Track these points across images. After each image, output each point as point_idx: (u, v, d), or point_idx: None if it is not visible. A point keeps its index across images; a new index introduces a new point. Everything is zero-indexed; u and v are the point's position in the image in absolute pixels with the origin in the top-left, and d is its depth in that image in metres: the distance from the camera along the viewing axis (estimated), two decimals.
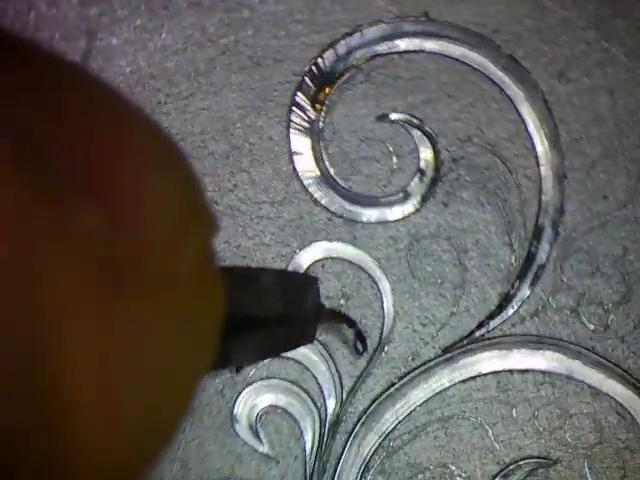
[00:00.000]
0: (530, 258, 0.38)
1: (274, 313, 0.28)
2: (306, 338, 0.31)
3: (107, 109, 0.16)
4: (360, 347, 0.37)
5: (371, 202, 0.39)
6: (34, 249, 0.14)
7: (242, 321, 0.25)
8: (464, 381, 0.38)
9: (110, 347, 0.15)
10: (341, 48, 0.39)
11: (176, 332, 0.17)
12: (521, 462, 0.37)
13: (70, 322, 0.14)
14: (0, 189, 0.13)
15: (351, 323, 0.37)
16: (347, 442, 0.38)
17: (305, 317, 0.30)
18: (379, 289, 0.38)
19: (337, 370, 0.38)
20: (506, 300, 0.38)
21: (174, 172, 0.17)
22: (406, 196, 0.39)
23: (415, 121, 0.39)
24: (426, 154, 0.39)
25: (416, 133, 0.39)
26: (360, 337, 0.37)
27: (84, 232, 0.14)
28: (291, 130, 0.39)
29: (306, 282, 0.33)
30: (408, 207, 0.39)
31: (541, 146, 0.39)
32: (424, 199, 0.39)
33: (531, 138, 0.39)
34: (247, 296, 0.27)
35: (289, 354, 0.37)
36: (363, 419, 0.38)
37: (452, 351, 0.38)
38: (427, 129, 0.39)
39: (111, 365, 0.15)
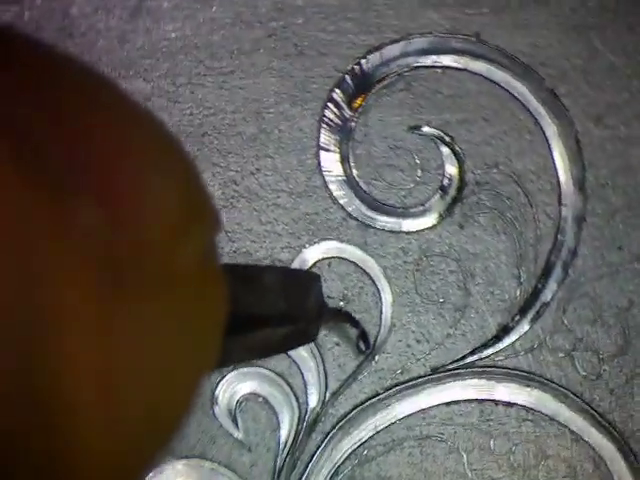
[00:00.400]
0: (535, 294, 0.38)
1: (276, 311, 0.28)
2: (308, 337, 0.31)
3: (108, 107, 0.16)
4: (363, 346, 0.37)
5: (388, 210, 0.39)
6: (34, 249, 0.14)
7: (244, 319, 0.25)
8: (448, 404, 0.38)
9: (110, 347, 0.15)
10: (387, 53, 0.39)
11: (177, 332, 0.17)
12: None
13: (70, 322, 0.14)
14: (2, 189, 0.13)
15: (355, 322, 0.37)
16: (322, 443, 0.38)
17: (307, 316, 0.30)
18: (380, 298, 0.38)
19: (325, 370, 0.38)
20: (504, 331, 0.38)
21: (175, 170, 0.17)
22: (424, 211, 0.39)
23: (446, 138, 0.39)
24: (451, 173, 0.39)
25: (445, 150, 0.39)
26: (364, 336, 0.37)
27: (84, 232, 0.14)
28: (322, 125, 0.39)
29: (309, 280, 0.32)
30: (424, 222, 0.39)
31: (566, 185, 0.39)
32: (441, 217, 0.39)
33: (557, 176, 0.39)
34: (249, 294, 0.27)
35: None
36: (342, 423, 0.38)
37: (441, 372, 0.38)
38: (457, 148, 0.39)
39: (111, 365, 0.15)
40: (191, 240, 0.17)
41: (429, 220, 0.39)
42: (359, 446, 0.38)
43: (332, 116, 0.39)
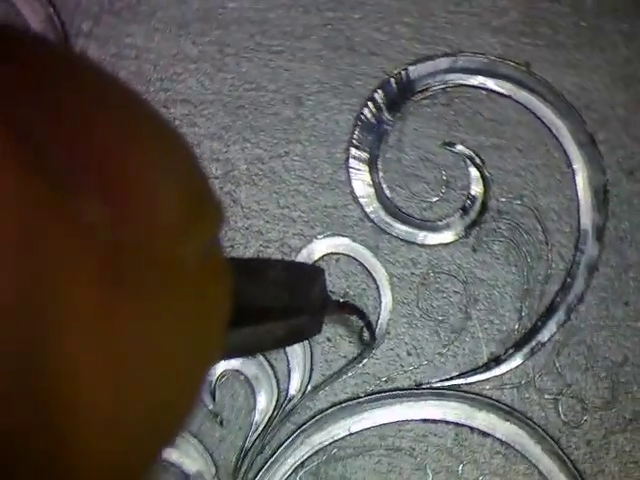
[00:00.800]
0: (533, 331, 0.38)
1: (280, 304, 0.28)
2: (312, 329, 0.31)
3: (110, 105, 0.16)
4: (368, 338, 0.37)
5: (406, 219, 0.39)
6: (35, 249, 0.14)
7: (248, 312, 0.25)
8: (425, 421, 0.38)
9: (111, 346, 0.15)
10: (435, 65, 0.39)
11: (178, 331, 0.17)
12: None
13: (70, 322, 0.14)
14: (2, 189, 0.13)
15: (361, 314, 0.37)
16: (293, 433, 0.38)
17: (311, 309, 0.30)
18: (380, 303, 0.38)
19: (312, 362, 0.38)
20: (495, 362, 0.38)
21: (178, 168, 0.17)
22: (441, 227, 0.39)
23: (477, 160, 0.39)
24: (476, 195, 0.39)
25: (474, 172, 0.39)
26: (370, 328, 0.37)
27: (86, 232, 0.14)
28: (358, 122, 0.39)
29: (313, 274, 0.32)
30: (439, 237, 0.39)
31: (585, 231, 0.38)
32: (457, 236, 0.39)
33: (579, 220, 0.39)
34: (253, 287, 0.27)
35: None
36: (317, 418, 0.38)
37: (425, 388, 0.38)
38: (486, 172, 0.39)
39: (112, 365, 0.15)
40: (192, 239, 0.17)
41: (444, 237, 0.39)
42: (330, 444, 0.37)
43: (369, 115, 0.39)
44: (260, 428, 0.37)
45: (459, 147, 0.39)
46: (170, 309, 0.16)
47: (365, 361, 0.38)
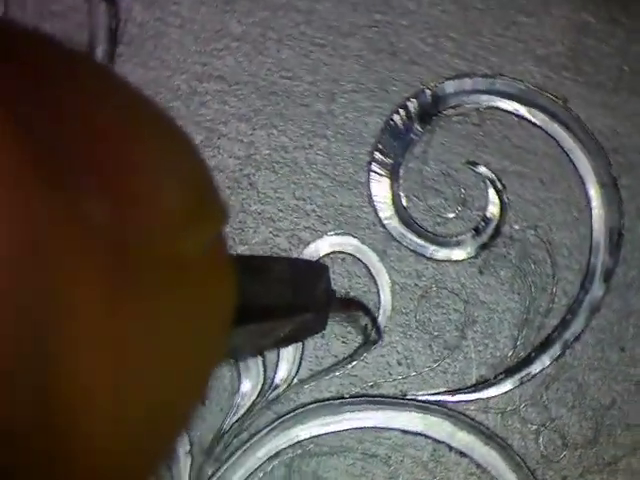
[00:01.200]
0: (526, 362, 0.38)
1: (284, 302, 0.28)
2: (317, 327, 0.31)
3: (116, 104, 0.16)
4: (374, 334, 0.37)
5: (418, 230, 0.39)
6: (35, 248, 0.13)
7: (252, 310, 0.25)
8: (405, 432, 0.37)
9: (112, 346, 0.15)
10: (473, 84, 0.39)
11: (181, 330, 0.16)
12: None
13: (72, 322, 0.14)
14: (10, 176, 0.13)
15: (367, 310, 0.36)
16: (273, 422, 0.37)
17: (315, 306, 0.29)
18: (379, 309, 0.38)
19: (302, 355, 0.38)
20: (483, 385, 0.38)
21: (182, 167, 0.17)
22: (452, 244, 0.39)
23: (498, 184, 0.39)
24: (490, 218, 0.39)
25: (492, 195, 0.39)
26: (375, 325, 0.37)
27: (87, 230, 0.14)
28: (387, 127, 0.39)
29: (317, 271, 0.32)
30: (447, 254, 0.39)
31: (593, 272, 0.38)
32: (466, 256, 0.39)
33: (589, 260, 0.39)
34: (257, 285, 0.27)
35: None
36: (299, 411, 0.37)
37: (410, 400, 0.38)
38: (504, 197, 0.39)
39: (113, 364, 0.15)
40: (194, 238, 0.16)
41: (453, 254, 0.39)
42: (307, 439, 0.37)
43: (399, 122, 0.39)
44: (241, 412, 0.37)
45: (482, 168, 0.39)
46: (171, 309, 0.16)
47: (355, 363, 0.38)
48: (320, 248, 0.39)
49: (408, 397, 0.38)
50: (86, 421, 0.14)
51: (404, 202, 0.39)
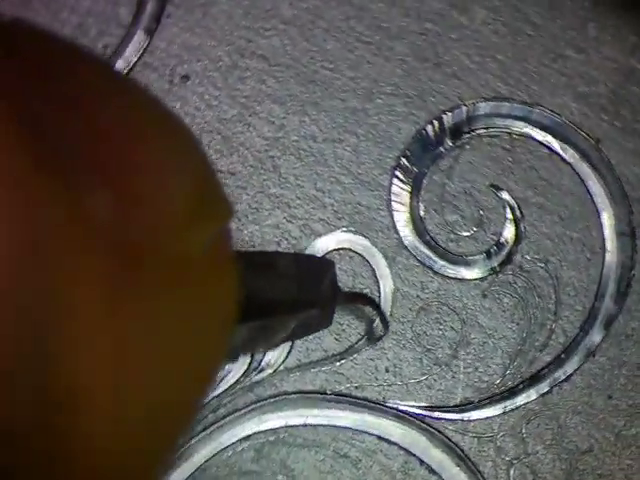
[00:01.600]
0: (512, 392, 0.38)
1: (289, 297, 0.28)
2: (323, 322, 0.31)
3: (119, 101, 0.16)
4: (380, 328, 0.37)
5: (430, 244, 0.39)
6: (36, 246, 0.13)
7: (257, 306, 0.25)
8: (380, 438, 0.37)
9: (112, 346, 0.15)
10: (510, 108, 0.39)
11: (182, 330, 0.16)
12: None
13: (71, 321, 0.14)
14: (11, 176, 0.13)
15: (374, 304, 0.36)
16: (252, 404, 0.37)
17: (321, 302, 0.29)
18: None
19: (292, 345, 0.38)
20: (465, 406, 0.38)
21: (186, 167, 0.17)
22: (461, 262, 0.39)
23: (517, 212, 0.39)
24: (504, 244, 0.39)
25: (510, 222, 0.39)
26: (383, 318, 0.37)
27: (89, 230, 0.14)
28: (418, 136, 0.39)
29: (322, 267, 0.32)
30: (455, 272, 0.38)
31: (595, 316, 0.38)
32: (472, 277, 0.38)
33: (593, 303, 0.38)
34: (262, 282, 0.27)
35: None
36: (279, 398, 0.37)
37: (391, 407, 0.38)
38: (521, 227, 0.39)
39: (112, 364, 0.15)
40: (197, 238, 0.16)
41: (460, 273, 0.38)
42: (282, 427, 0.37)
43: (431, 134, 0.39)
44: (221, 388, 0.37)
45: (505, 194, 0.39)
46: (172, 308, 0.16)
47: (343, 361, 0.38)
48: (330, 242, 0.39)
49: (389, 405, 0.38)
50: (86, 421, 0.14)
51: (422, 213, 0.39)
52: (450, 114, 0.39)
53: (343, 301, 0.35)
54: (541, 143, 0.39)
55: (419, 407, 0.38)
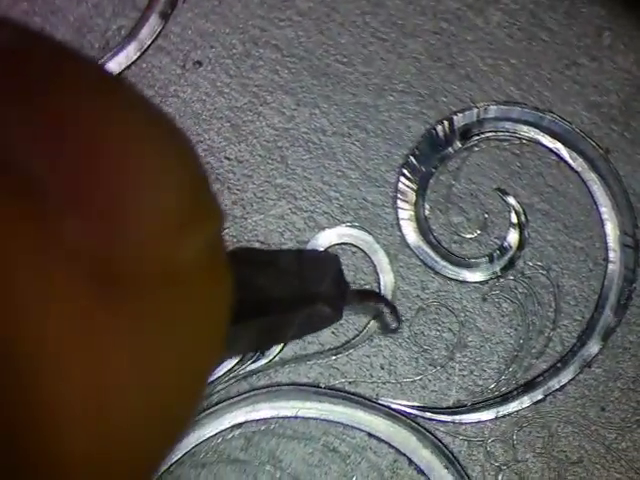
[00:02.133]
0: (506, 398, 0.38)
1: (292, 294, 0.28)
2: (331, 318, 0.31)
3: (101, 108, 0.15)
4: (393, 324, 0.37)
5: (433, 243, 0.39)
6: (18, 264, 0.13)
7: (259, 303, 0.25)
8: (370, 435, 0.37)
9: (95, 352, 0.14)
10: (521, 114, 0.39)
11: (166, 341, 0.16)
12: None
13: (54, 332, 0.14)
14: None
15: (385, 301, 0.36)
16: (245, 393, 0.37)
17: (326, 297, 0.29)
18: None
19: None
20: (457, 409, 0.38)
21: (178, 165, 0.16)
22: (463, 264, 0.38)
23: (522, 218, 0.39)
24: (507, 249, 0.39)
25: (514, 228, 0.39)
26: (395, 314, 0.37)
27: (69, 252, 0.14)
28: (428, 135, 0.39)
29: (326, 261, 0.32)
30: (456, 273, 0.38)
31: (593, 327, 0.38)
32: (473, 280, 0.38)
33: (592, 314, 0.38)
34: (263, 279, 0.26)
35: None
36: (272, 389, 0.37)
37: (383, 405, 0.38)
38: (525, 233, 0.39)
39: (101, 368, 0.15)
40: (186, 249, 0.16)
41: (462, 275, 0.38)
42: (273, 418, 0.37)
43: (441, 134, 0.39)
44: (216, 375, 0.37)
45: (511, 199, 0.39)
46: (159, 317, 0.16)
47: (339, 356, 0.38)
48: (333, 236, 0.38)
49: (382, 402, 0.38)
50: (69, 423, 0.14)
51: (426, 212, 0.39)
52: (461, 115, 0.39)
53: (353, 299, 0.35)
54: (550, 150, 0.39)
55: (411, 407, 0.38)
